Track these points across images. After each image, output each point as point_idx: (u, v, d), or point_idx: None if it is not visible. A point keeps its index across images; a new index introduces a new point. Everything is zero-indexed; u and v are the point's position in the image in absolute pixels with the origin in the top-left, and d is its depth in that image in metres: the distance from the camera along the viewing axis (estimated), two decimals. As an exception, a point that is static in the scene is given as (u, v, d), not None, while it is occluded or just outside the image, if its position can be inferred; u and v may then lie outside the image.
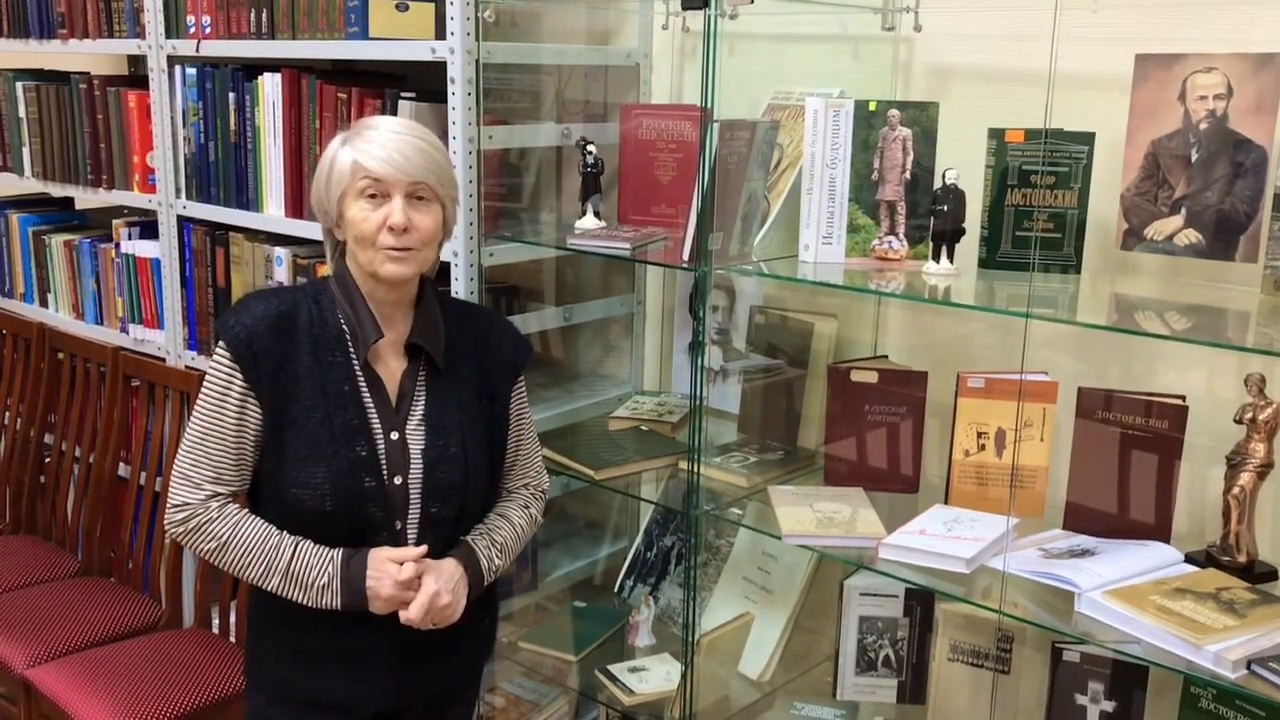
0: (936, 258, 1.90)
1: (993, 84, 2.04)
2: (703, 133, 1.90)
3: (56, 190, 3.16)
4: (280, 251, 2.55)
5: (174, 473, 1.72)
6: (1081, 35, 1.75)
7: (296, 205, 2.48)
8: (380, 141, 1.67)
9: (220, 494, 1.71)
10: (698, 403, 2.01)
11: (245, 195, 2.59)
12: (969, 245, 1.92)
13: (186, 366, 2.80)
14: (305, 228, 2.46)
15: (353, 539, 1.70)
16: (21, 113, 3.16)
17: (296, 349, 1.70)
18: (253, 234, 2.62)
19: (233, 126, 2.59)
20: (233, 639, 2.52)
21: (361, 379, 1.72)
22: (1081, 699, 1.85)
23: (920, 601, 2.08)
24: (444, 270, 2.22)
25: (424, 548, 1.71)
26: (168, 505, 1.73)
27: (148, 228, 2.93)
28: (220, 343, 1.70)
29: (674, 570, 2.42)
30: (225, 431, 1.69)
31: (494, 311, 2.19)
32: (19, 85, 3.12)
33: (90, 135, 2.95)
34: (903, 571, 1.81)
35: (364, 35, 2.25)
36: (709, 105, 1.86)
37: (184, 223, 2.77)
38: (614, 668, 2.26)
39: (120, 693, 2.30)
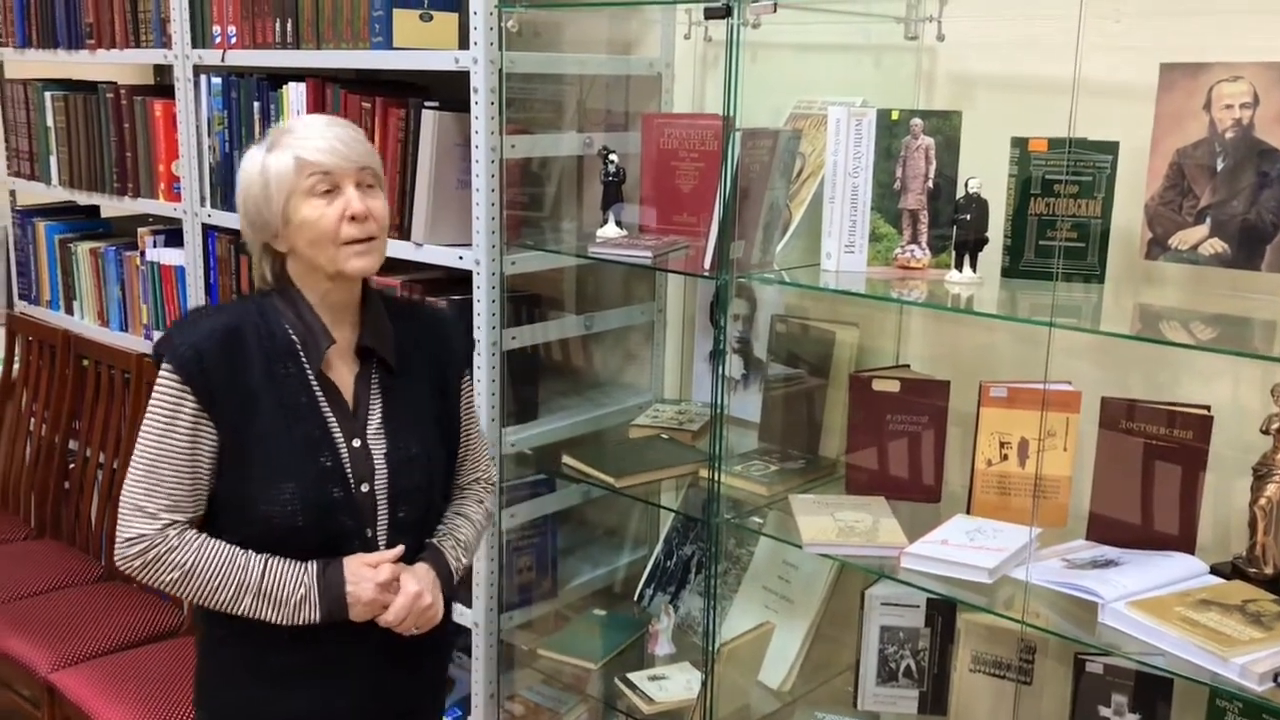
0: (959, 266, 1.89)
1: (1016, 93, 2.04)
2: (725, 140, 1.90)
3: (83, 199, 3.19)
4: (304, 259, 2.56)
5: (123, 504, 1.64)
6: (1105, 44, 1.75)
7: (320, 213, 2.49)
8: (316, 135, 1.63)
9: (178, 521, 1.63)
10: (718, 411, 2.01)
11: (269, 204, 2.60)
12: (992, 254, 1.91)
13: (210, 373, 2.81)
14: (329, 236, 2.46)
15: (325, 551, 1.66)
16: (49, 122, 3.19)
17: (248, 364, 1.64)
18: (276, 242, 2.63)
19: (257, 135, 2.61)
20: (254, 645, 2.53)
21: (317, 388, 1.67)
22: (1105, 711, 1.84)
23: (942, 611, 2.07)
24: (464, 279, 2.23)
25: (399, 549, 1.70)
26: (119, 539, 1.63)
27: (172, 235, 2.96)
28: (166, 363, 1.62)
29: (694, 579, 2.41)
30: (179, 456, 1.62)
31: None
32: (47, 95, 3.15)
33: (116, 144, 2.98)
34: (925, 581, 1.80)
35: (388, 45, 2.27)
36: (731, 113, 1.87)
37: (208, 230, 2.79)
38: (634, 676, 2.26)
39: (143, 697, 2.31)
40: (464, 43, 2.20)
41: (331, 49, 2.39)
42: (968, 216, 1.87)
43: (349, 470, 1.67)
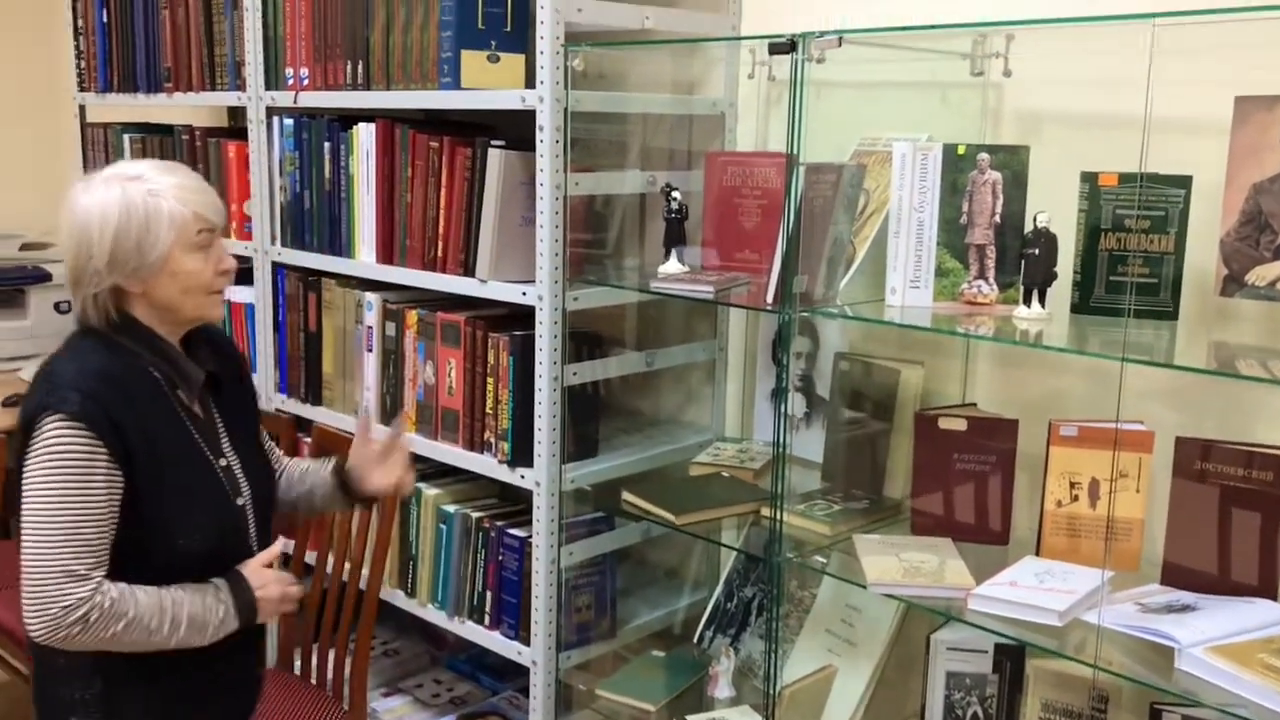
0: (1028, 302, 1.86)
1: (1084, 129, 2.01)
2: (788, 174, 1.90)
3: (158, 238, 3.26)
4: (371, 297, 2.60)
5: (47, 572, 1.59)
6: (1176, 79, 1.72)
7: (388, 251, 2.53)
8: (195, 187, 1.72)
9: (103, 576, 1.64)
10: (780, 449, 1.99)
11: (338, 242, 2.65)
12: (1060, 290, 1.88)
13: (277, 409, 2.86)
14: (396, 273, 2.50)
15: (224, 568, 1.77)
16: (128, 164, 3.28)
17: (135, 407, 1.68)
18: (344, 279, 2.68)
19: (327, 175, 2.66)
20: (314, 680, 2.54)
21: (186, 420, 1.77)
22: (1182, 763, 1.77)
23: (1010, 657, 2.02)
24: (527, 315, 2.24)
25: (279, 542, 1.87)
26: (50, 610, 1.58)
27: (243, 274, 3.01)
28: (63, 419, 1.60)
29: (755, 621, 2.38)
30: (100, 511, 1.62)
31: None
32: (126, 137, 3.24)
33: (191, 185, 3.05)
34: (992, 623, 1.76)
35: (456, 86, 2.31)
36: (795, 149, 1.86)
37: (278, 269, 2.84)
38: (693, 718, 2.22)
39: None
40: (530, 82, 2.23)
41: (401, 90, 2.44)
42: (1036, 251, 1.84)
43: (228, 489, 1.80)
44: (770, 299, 1.96)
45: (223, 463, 1.81)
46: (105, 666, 1.71)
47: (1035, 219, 1.86)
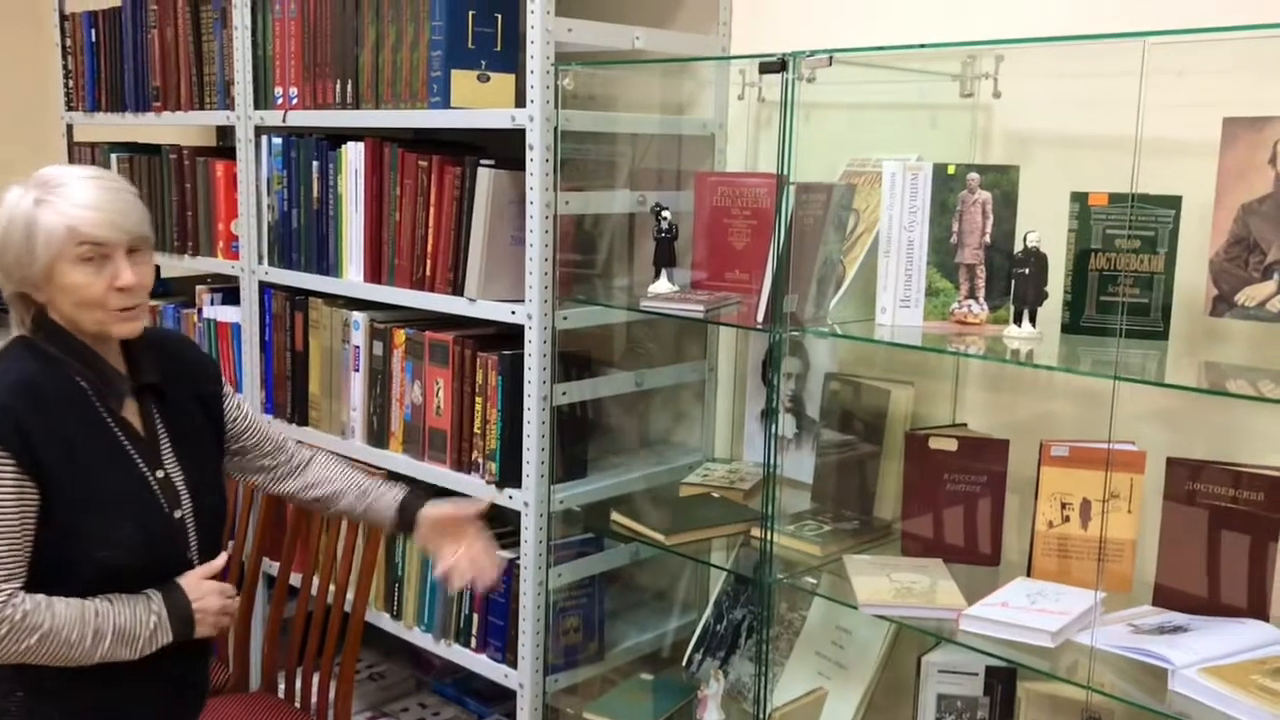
0: (1018, 321, 1.86)
1: (1074, 149, 2.02)
2: (779, 193, 1.90)
3: (144, 257, 3.24)
4: (358, 316, 2.59)
5: None
6: (1166, 100, 1.73)
7: (376, 271, 2.52)
8: (89, 199, 1.62)
9: (18, 590, 1.61)
10: (771, 470, 1.98)
11: (326, 261, 2.64)
12: (1051, 310, 1.88)
13: (262, 429, 2.83)
14: (384, 293, 2.49)
15: (156, 582, 1.73)
16: (114, 183, 3.26)
17: (54, 416, 1.65)
18: (331, 299, 2.66)
19: (315, 194, 2.65)
20: (297, 704, 2.51)
21: (116, 428, 1.73)
22: (1176, 787, 1.76)
23: (1001, 680, 2.00)
24: (516, 335, 2.23)
25: (223, 556, 1.81)
26: None
27: (229, 294, 3.00)
28: None
29: (744, 644, 2.36)
30: (9, 524, 1.60)
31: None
32: (113, 157, 3.23)
33: (178, 204, 3.04)
34: (984, 644, 1.74)
35: (445, 105, 2.30)
36: (785, 167, 1.86)
37: (265, 288, 2.83)
38: (682, 742, 2.21)
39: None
40: (520, 102, 2.23)
41: (390, 109, 2.43)
42: (1026, 271, 1.84)
43: (164, 501, 1.75)
44: (761, 318, 1.95)
45: (160, 474, 1.76)
46: (27, 675, 1.68)
47: (1025, 238, 1.86)
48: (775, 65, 1.84)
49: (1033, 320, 1.86)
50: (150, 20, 3.05)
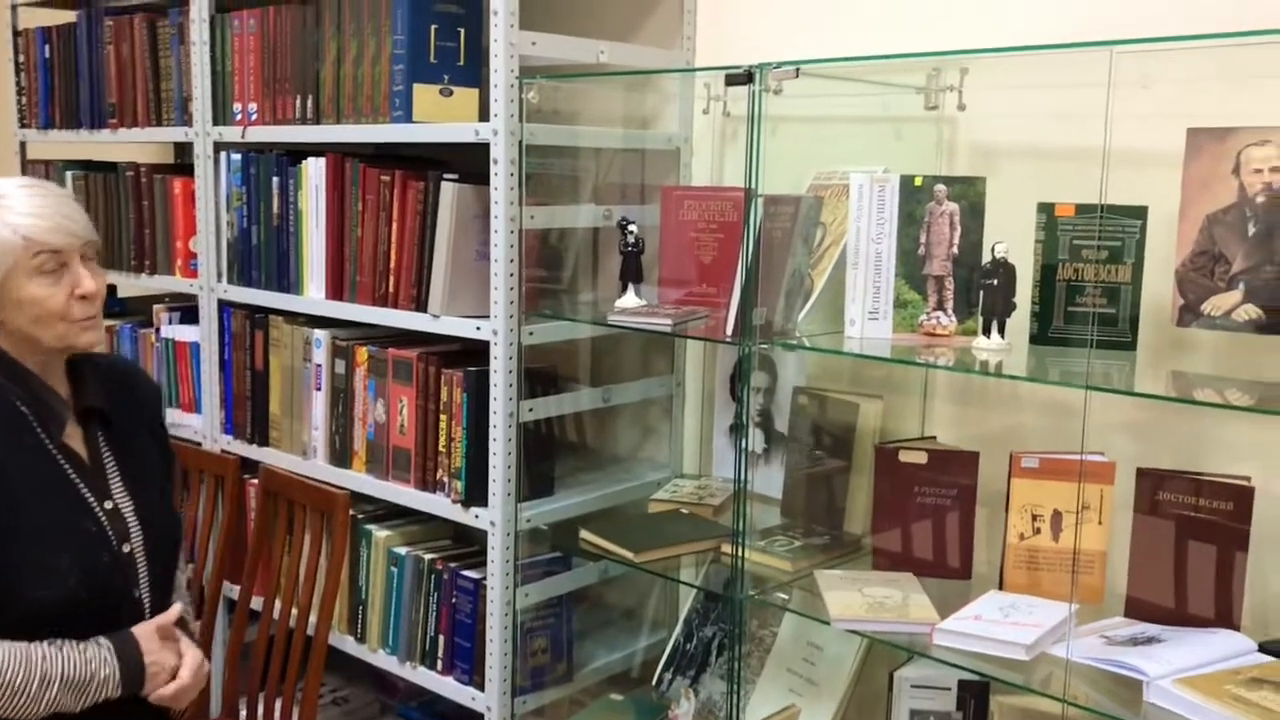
0: (987, 332, 1.86)
1: (1039, 161, 2.02)
2: (747, 205, 1.89)
3: (100, 277, 3.18)
4: (319, 334, 2.55)
5: None
6: (1132, 112, 1.73)
7: (338, 287, 2.48)
8: (35, 208, 1.58)
9: None
10: (741, 484, 1.96)
11: (286, 278, 2.60)
12: (1019, 321, 1.88)
13: (223, 450, 2.78)
14: (346, 310, 2.46)
15: (99, 621, 1.63)
16: (69, 201, 3.21)
17: None
18: (292, 317, 2.62)
19: (275, 210, 2.61)
20: (259, 730, 2.45)
21: (59, 457, 1.65)
22: (1152, 800, 1.75)
23: (974, 694, 1.99)
24: (481, 351, 2.20)
25: (177, 607, 1.71)
26: None
27: (188, 313, 2.95)
28: None
29: (715, 661, 2.33)
30: None
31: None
32: (69, 174, 3.17)
33: (135, 221, 2.99)
34: (958, 659, 1.73)
35: (408, 119, 2.28)
36: (753, 179, 1.85)
37: (224, 306, 2.78)
38: (653, 763, 2.17)
39: (142, 784, 2.22)
40: (484, 115, 2.20)
41: (351, 124, 2.40)
42: (995, 281, 1.84)
43: (110, 533, 1.66)
44: (730, 331, 1.93)
45: (108, 505, 1.68)
46: None
47: (993, 249, 1.86)
48: (742, 77, 1.83)
49: (1001, 331, 1.86)
50: (106, 36, 3.00)
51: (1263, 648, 1.68)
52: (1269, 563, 1.79)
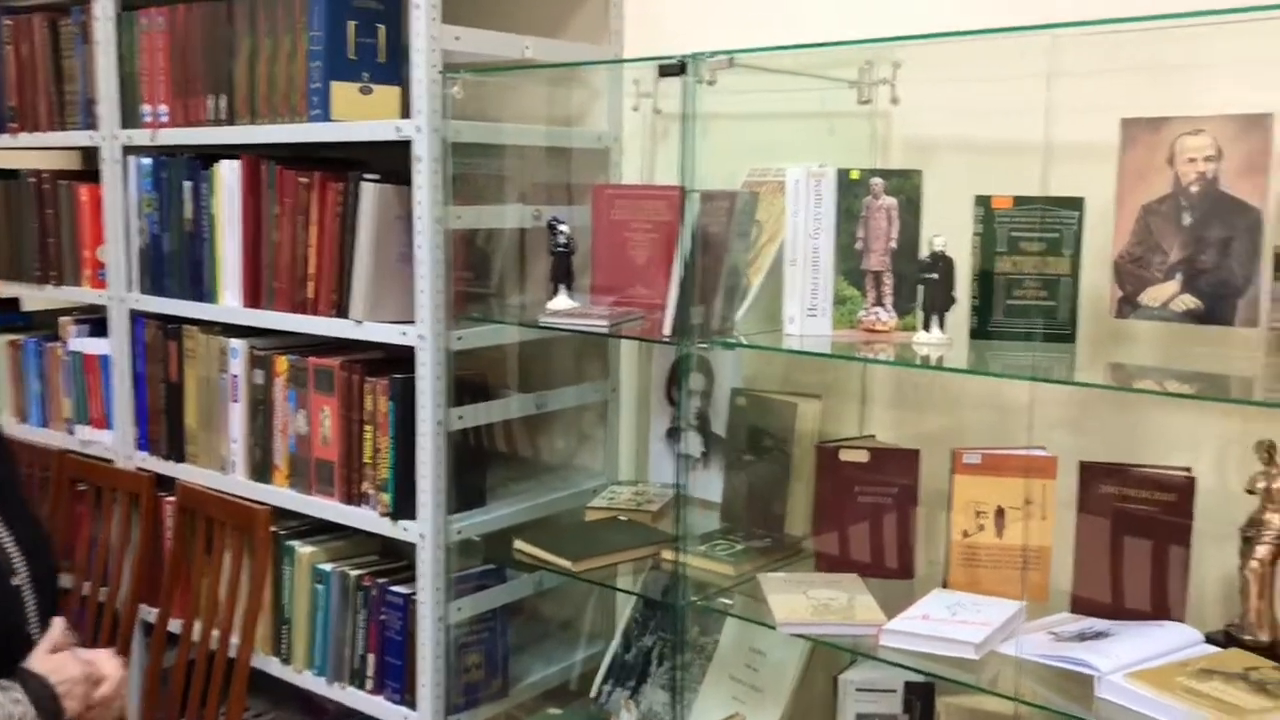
0: (927, 327, 1.83)
1: (974, 154, 2.00)
2: (682, 201, 1.84)
3: (2, 290, 3.04)
4: (236, 343, 2.45)
5: None
6: (1066, 103, 1.72)
7: (254, 294, 2.38)
8: None
9: None
10: (680, 489, 1.90)
11: (200, 286, 2.49)
12: (959, 315, 1.85)
13: (138, 468, 2.66)
14: (264, 317, 2.36)
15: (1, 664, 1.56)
16: (-33, 211, 3.05)
17: None
18: (208, 326, 2.52)
19: (188, 216, 2.50)
20: (179, 760, 2.34)
21: None
22: (1105, 798, 1.73)
23: (920, 695, 1.96)
24: (408, 357, 2.13)
25: (60, 621, 1.64)
26: None
27: (97, 325, 2.82)
28: None
29: (655, 671, 2.28)
30: None
31: None
32: (-35, 182, 3.02)
33: (39, 231, 2.85)
34: (907, 659, 1.69)
35: (326, 118, 2.19)
36: (688, 175, 1.81)
37: (136, 317, 2.66)
38: (594, 779, 2.11)
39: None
40: (406, 113, 2.13)
41: (267, 124, 2.31)
42: (934, 275, 1.81)
43: None
44: (668, 330, 1.88)
45: None
46: None
47: (931, 243, 1.83)
48: (675, 68, 1.79)
49: (941, 325, 1.83)
50: (4, 36, 2.87)
51: (1209, 639, 1.67)
52: (1208, 551, 1.78)
